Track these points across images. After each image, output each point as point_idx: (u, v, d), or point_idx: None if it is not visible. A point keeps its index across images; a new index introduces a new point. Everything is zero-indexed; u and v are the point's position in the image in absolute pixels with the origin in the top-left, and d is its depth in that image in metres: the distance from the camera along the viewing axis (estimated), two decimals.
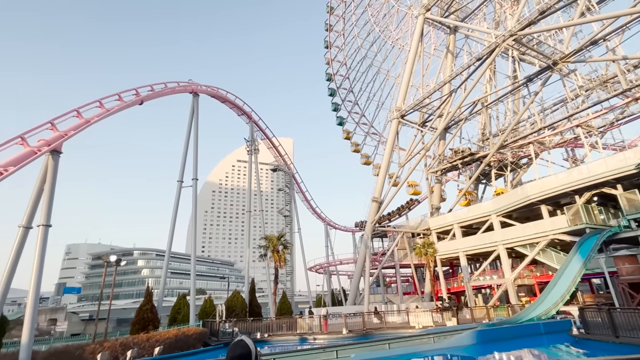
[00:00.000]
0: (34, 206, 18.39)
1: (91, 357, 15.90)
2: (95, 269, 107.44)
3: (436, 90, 39.66)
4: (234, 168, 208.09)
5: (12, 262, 17.31)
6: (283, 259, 34.44)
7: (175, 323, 30.63)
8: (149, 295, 27.59)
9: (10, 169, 15.69)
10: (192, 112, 36.67)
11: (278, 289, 37.63)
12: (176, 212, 33.00)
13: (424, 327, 24.45)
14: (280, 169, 63.27)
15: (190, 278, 32.48)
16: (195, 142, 35.55)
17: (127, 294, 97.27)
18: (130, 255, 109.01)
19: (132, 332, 24.65)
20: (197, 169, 34.29)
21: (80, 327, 67.47)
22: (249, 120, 49.91)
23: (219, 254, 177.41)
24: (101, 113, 22.95)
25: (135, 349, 16.88)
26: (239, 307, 33.48)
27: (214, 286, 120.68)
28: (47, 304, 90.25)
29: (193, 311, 28.68)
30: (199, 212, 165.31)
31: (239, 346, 2.23)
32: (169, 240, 32.65)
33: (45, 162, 18.89)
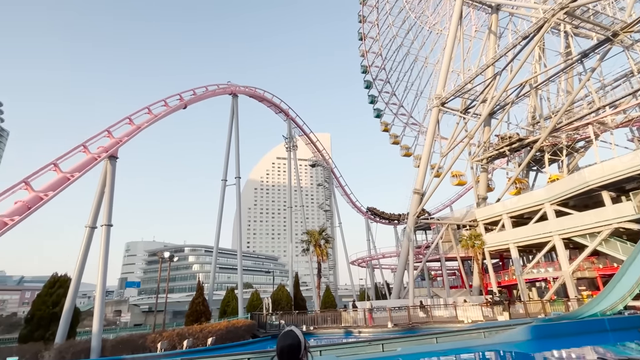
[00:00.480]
0: (97, 208, 20.14)
1: (152, 345, 17.17)
2: (151, 265, 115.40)
3: (478, 74, 37.65)
4: (274, 165, 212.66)
5: (81, 259, 19.16)
6: (325, 253, 34.75)
7: (225, 315, 32.14)
8: (200, 289, 29.16)
9: (75, 174, 17.25)
10: (232, 112, 37.91)
11: (321, 282, 38.10)
12: (222, 210, 34.42)
13: (473, 321, 23.57)
14: (318, 164, 63.66)
15: (237, 272, 33.83)
16: (237, 142, 36.77)
17: (181, 288, 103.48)
18: (181, 252, 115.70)
19: (186, 324, 26.25)
20: (239, 167, 35.46)
21: (142, 318, 73.00)
22: (287, 118, 50.65)
23: (263, 249, 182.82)
24: (150, 119, 24.46)
25: (191, 339, 17.96)
26: (285, 300, 34.36)
27: (260, 280, 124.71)
28: (112, 297, 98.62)
29: (241, 304, 29.89)
30: (243, 209, 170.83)
31: (289, 336, 2.29)
32: (216, 237, 34.18)
33: (104, 167, 20.57)
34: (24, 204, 14.42)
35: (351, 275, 57.09)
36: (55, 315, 19.83)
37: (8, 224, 13.33)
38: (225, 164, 35.90)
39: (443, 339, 15.04)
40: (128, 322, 63.94)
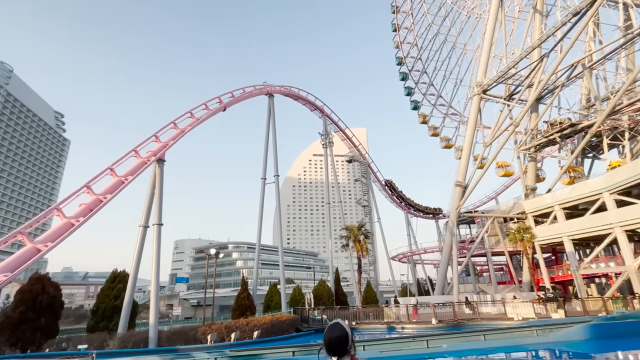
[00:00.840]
0: (149, 208, 21.56)
1: (202, 337, 18.14)
2: (198, 261, 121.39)
3: (523, 57, 35.40)
4: (310, 162, 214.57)
5: (136, 256, 20.66)
6: (365, 248, 34.61)
7: (269, 310, 33.13)
8: (244, 284, 30.28)
9: (129, 178, 18.59)
10: (269, 112, 38.74)
11: (362, 278, 38.02)
12: (262, 208, 35.43)
13: (524, 318, 22.40)
14: (355, 160, 63.33)
15: (279, 268, 34.68)
16: (274, 141, 37.55)
17: (226, 283, 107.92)
18: (225, 249, 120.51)
19: (233, 317, 27.39)
20: (277, 166, 36.25)
21: (191, 312, 77.14)
22: (322, 115, 50.85)
23: (303, 245, 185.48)
24: (192, 122, 25.69)
25: (238, 332, 18.74)
26: (326, 296, 34.72)
27: (301, 276, 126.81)
28: (164, 292, 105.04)
29: (284, 299, 30.64)
30: (282, 206, 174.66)
31: (336, 329, 2.33)
32: (257, 234, 35.27)
33: (153, 170, 21.94)
34: (86, 207, 15.80)
35: (392, 270, 56.39)
36: (116, 308, 21.57)
37: (74, 224, 14.68)
38: (264, 163, 36.84)
39: (491, 336, 14.48)
40: (179, 316, 67.76)
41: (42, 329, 19.00)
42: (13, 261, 12.19)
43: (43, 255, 13.36)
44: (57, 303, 20.34)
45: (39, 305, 19.18)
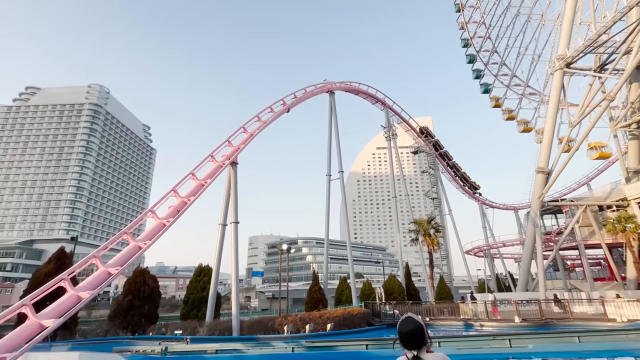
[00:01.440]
0: (226, 208, 23.40)
1: (279, 327, 19.23)
2: (271, 256, 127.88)
3: (618, 20, 30.65)
4: (374, 156, 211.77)
5: (218, 251, 22.65)
6: (435, 242, 33.32)
7: (340, 303, 33.73)
8: (315, 278, 31.24)
9: (207, 181, 20.37)
10: (330, 109, 39.17)
11: (434, 273, 36.67)
12: (329, 204, 36.06)
13: (630, 320, 19.65)
14: (421, 151, 61.03)
15: (348, 263, 35.04)
16: (337, 137, 37.88)
17: (298, 277, 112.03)
18: (295, 244, 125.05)
19: (306, 310, 28.48)
20: (341, 161, 36.53)
21: (267, 304, 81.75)
22: (384, 107, 49.90)
23: (370, 240, 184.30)
24: (260, 125, 27.13)
25: (312, 324, 19.49)
26: (397, 291, 34.23)
27: (370, 270, 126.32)
28: (242, 285, 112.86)
29: (354, 293, 30.94)
30: (347, 201, 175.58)
31: (410, 322, 2.37)
32: (325, 230, 36.00)
33: (228, 173, 23.73)
34: (174, 208, 17.72)
35: (467, 265, 53.38)
36: (203, 299, 23.88)
37: (165, 224, 16.59)
38: (328, 159, 37.43)
39: (588, 338, 13.03)
40: (257, 307, 72.34)
41: (145, 316, 21.86)
42: (121, 257, 14.23)
43: (143, 252, 15.34)
44: (155, 293, 23.22)
45: (142, 295, 22.09)
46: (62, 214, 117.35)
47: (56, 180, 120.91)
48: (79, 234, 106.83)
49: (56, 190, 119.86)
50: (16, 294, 58.33)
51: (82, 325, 23.37)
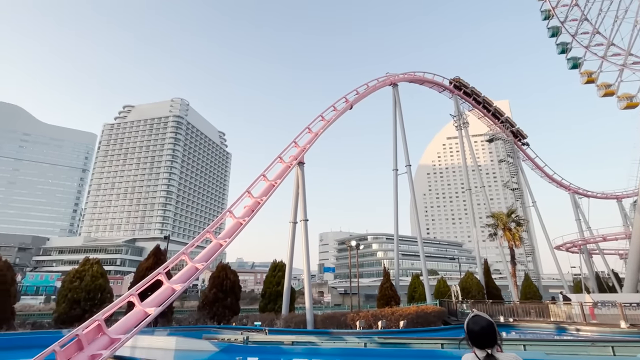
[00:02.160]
0: (295, 206, 24.38)
1: (352, 323, 19.47)
2: (341, 252, 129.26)
3: None
4: (444, 147, 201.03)
5: (290, 248, 23.75)
6: (517, 237, 30.54)
7: (413, 301, 32.88)
8: (386, 274, 30.90)
9: (277, 181, 21.43)
10: (394, 102, 38.20)
11: (518, 270, 33.71)
12: (397, 199, 35.29)
13: None
14: (497, 138, 56.28)
15: (420, 259, 33.97)
16: (402, 130, 36.83)
17: (369, 274, 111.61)
18: (365, 240, 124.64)
19: (378, 306, 28.32)
20: (408, 155, 35.42)
21: (340, 299, 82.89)
22: (452, 94, 47.13)
23: (444, 235, 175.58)
24: (324, 125, 27.64)
25: (384, 321, 19.37)
26: (474, 289, 32.24)
27: (445, 267, 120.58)
28: (315, 280, 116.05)
29: (428, 290, 29.88)
30: (418, 195, 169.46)
31: (480, 319, 2.29)
32: (394, 225, 35.31)
33: (296, 172, 24.66)
34: (249, 208, 19.02)
35: (557, 262, 47.97)
36: (279, 293, 25.20)
37: (242, 223, 17.90)
38: (394, 153, 36.59)
39: None
40: (329, 302, 73.85)
41: (228, 307, 23.83)
42: (205, 254, 15.73)
43: (224, 249, 16.76)
44: (236, 287, 25.16)
45: (224, 288, 24.12)
46: (156, 215, 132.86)
47: (150, 186, 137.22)
48: (170, 233, 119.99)
49: (151, 195, 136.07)
50: (125, 285, 67.63)
51: (177, 314, 26.33)
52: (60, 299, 21.34)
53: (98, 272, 21.92)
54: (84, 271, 21.65)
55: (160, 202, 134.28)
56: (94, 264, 22.34)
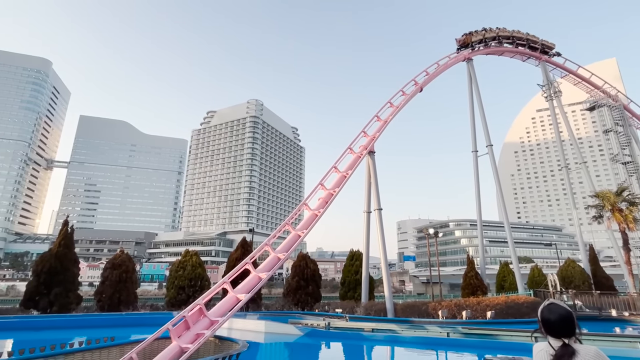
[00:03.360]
0: (368, 195, 24.43)
1: (434, 312, 18.98)
2: (421, 240, 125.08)
3: None
4: (534, 121, 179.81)
5: (365, 237, 23.96)
6: (630, 219, 26.18)
7: (502, 290, 30.59)
8: (470, 263, 29.23)
9: (349, 172, 21.68)
10: (470, 78, 35.39)
11: (636, 257, 28.98)
12: (478, 183, 32.93)
13: None
14: (601, 105, 48.46)
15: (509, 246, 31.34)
16: (481, 108, 34.00)
17: (453, 262, 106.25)
18: (446, 227, 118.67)
19: (463, 296, 27.03)
20: (489, 134, 32.66)
21: (422, 288, 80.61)
22: (539, 61, 41.85)
23: (539, 219, 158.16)
24: (393, 111, 26.93)
25: (469, 311, 18.48)
26: (578, 278, 28.72)
27: (542, 254, 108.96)
28: (394, 269, 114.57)
29: (519, 279, 27.47)
30: (504, 176, 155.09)
31: (558, 308, 2.19)
32: (477, 211, 33.04)
33: (367, 162, 24.63)
34: (323, 200, 19.66)
35: None
36: (357, 281, 25.65)
37: (317, 215, 18.62)
38: (472, 134, 34.10)
39: None
40: (411, 291, 72.30)
41: (310, 294, 25.07)
42: (285, 244, 16.79)
43: (302, 239, 17.67)
44: (316, 275, 26.31)
45: (305, 276, 25.41)
46: (242, 210, 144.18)
47: (235, 183, 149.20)
48: (255, 226, 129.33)
49: (236, 191, 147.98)
50: (220, 273, 75.20)
51: (265, 300, 28.58)
52: (169, 285, 24.79)
53: (197, 263, 24.88)
54: (185, 262, 24.77)
55: (244, 198, 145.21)
56: (193, 255, 25.39)
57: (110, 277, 22.56)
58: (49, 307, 20.35)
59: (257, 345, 15.00)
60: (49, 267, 20.64)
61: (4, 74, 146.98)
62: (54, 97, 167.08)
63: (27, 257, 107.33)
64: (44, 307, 20.34)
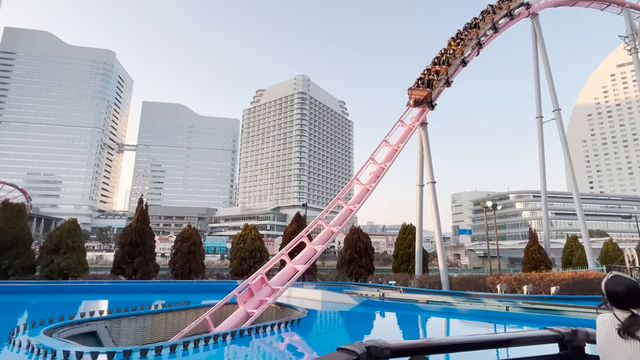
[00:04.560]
0: (421, 169, 23.87)
1: (491, 286, 18.54)
2: (477, 213, 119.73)
3: None
4: (614, 78, 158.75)
5: (418, 211, 23.65)
6: None
7: (570, 266, 28.72)
8: (533, 236, 27.69)
9: (400, 145, 21.25)
10: (534, 36, 31.99)
11: None
12: (542, 151, 30.41)
13: None
14: None
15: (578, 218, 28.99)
16: (547, 69, 30.80)
17: (513, 235, 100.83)
18: (506, 199, 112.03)
19: (524, 270, 25.86)
20: (556, 98, 29.68)
21: (479, 263, 78.12)
22: (621, 8, 36.41)
23: (616, 189, 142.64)
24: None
25: (530, 285, 17.75)
26: None
27: (618, 227, 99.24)
28: (449, 243, 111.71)
29: (590, 254, 25.48)
30: (574, 143, 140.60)
31: (623, 279, 2.12)
32: (541, 181, 30.71)
33: (419, 134, 23.90)
34: (374, 174, 19.65)
35: None
36: (410, 254, 25.66)
37: (369, 189, 18.74)
38: (536, 98, 31.23)
39: None
40: (467, 265, 70.40)
41: (363, 267, 25.68)
42: (338, 218, 17.26)
43: (354, 214, 18.01)
44: (369, 248, 26.76)
45: (358, 249, 25.97)
46: (293, 185, 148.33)
47: (285, 159, 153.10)
48: (307, 201, 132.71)
49: (287, 168, 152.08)
50: (275, 246, 79.26)
51: (319, 271, 29.82)
52: (232, 256, 26.86)
53: (256, 236, 26.55)
54: (245, 235, 26.55)
55: (295, 174, 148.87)
56: (252, 229, 27.09)
57: (180, 249, 25.01)
58: (133, 274, 23.28)
59: (315, 313, 15.93)
60: (130, 240, 23.41)
61: (78, 68, 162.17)
62: (120, 86, 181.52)
63: (109, 231, 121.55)
64: (129, 274, 23.30)
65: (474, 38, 25.84)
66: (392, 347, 1.83)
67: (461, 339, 2.35)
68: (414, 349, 2.00)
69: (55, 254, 22.39)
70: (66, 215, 48.35)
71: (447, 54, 24.77)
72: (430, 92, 22.66)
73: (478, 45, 26.29)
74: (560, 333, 2.30)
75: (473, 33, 25.83)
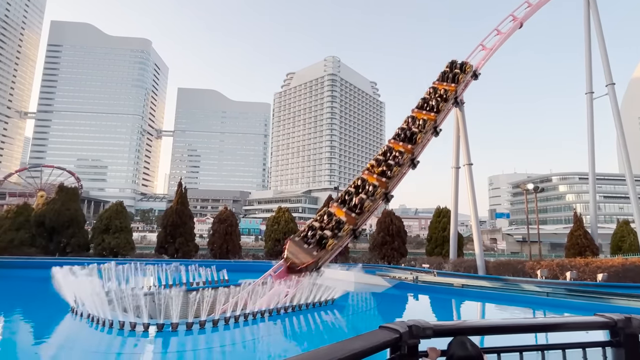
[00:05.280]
0: (457, 151, 23.08)
1: (531, 271, 17.89)
2: (516, 197, 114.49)
3: None
4: None
5: (454, 194, 23.05)
6: None
7: (620, 252, 26.99)
8: (578, 221, 26.20)
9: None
10: (587, 4, 29.31)
11: None
12: (592, 129, 28.27)
13: None
14: None
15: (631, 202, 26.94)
16: (601, 40, 28.25)
17: (555, 220, 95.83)
18: (548, 182, 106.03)
19: (567, 256, 24.63)
20: (610, 71, 27.28)
21: (517, 247, 75.19)
22: None
23: None
24: (485, 55, 24.08)
25: (574, 272, 16.95)
26: None
27: None
28: (485, 227, 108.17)
29: None
30: (629, 120, 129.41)
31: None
32: (590, 162, 28.68)
33: (455, 114, 22.98)
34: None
35: None
36: (445, 238, 25.19)
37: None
38: (587, 73, 28.85)
39: None
40: (504, 250, 68.04)
41: (396, 249, 25.58)
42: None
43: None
44: (402, 231, 26.54)
45: (391, 232, 25.85)
46: (324, 169, 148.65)
47: (316, 142, 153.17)
48: (338, 184, 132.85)
49: (318, 151, 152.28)
50: None
51: (351, 254, 30.07)
52: (266, 238, 27.68)
53: (289, 218, 27.11)
54: (279, 217, 27.17)
55: (326, 157, 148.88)
56: (285, 211, 27.66)
57: (218, 230, 26.10)
58: (175, 253, 24.68)
59: (348, 294, 16.21)
60: (172, 221, 24.73)
61: (117, 57, 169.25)
62: (156, 74, 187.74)
63: (151, 212, 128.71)
64: (172, 253, 24.73)
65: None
66: (434, 327, 1.86)
67: (504, 322, 2.33)
68: (456, 329, 2.01)
69: (105, 233, 24.18)
70: (112, 198, 51.66)
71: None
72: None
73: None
74: (612, 320, 2.22)
75: None
